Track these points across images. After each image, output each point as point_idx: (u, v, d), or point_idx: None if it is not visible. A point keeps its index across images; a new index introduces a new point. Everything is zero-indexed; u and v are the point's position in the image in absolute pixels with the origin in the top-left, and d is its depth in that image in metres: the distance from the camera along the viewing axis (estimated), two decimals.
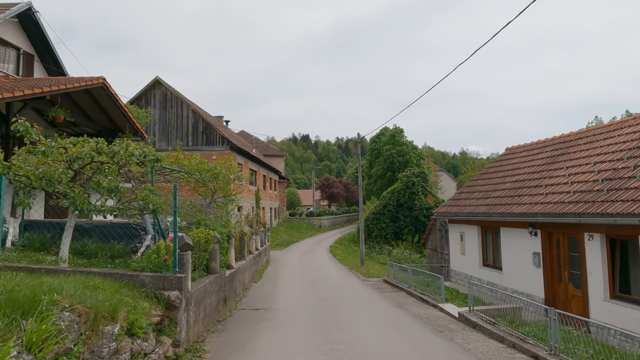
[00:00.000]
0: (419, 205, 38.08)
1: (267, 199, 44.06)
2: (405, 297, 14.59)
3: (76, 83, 14.21)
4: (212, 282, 9.33)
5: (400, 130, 55.28)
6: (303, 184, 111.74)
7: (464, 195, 18.48)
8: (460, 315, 10.91)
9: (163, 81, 32.53)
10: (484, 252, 16.25)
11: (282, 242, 36.88)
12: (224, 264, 12.01)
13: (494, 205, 14.86)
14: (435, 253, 24.74)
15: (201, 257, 9.67)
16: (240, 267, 14.06)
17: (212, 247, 9.97)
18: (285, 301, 13.23)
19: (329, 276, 19.63)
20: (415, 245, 36.85)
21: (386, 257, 34.55)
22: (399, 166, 53.35)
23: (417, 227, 37.93)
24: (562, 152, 14.92)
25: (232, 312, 11.29)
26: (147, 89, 32.67)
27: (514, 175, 16.26)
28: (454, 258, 18.47)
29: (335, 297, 14.00)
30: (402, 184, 38.70)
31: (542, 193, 12.96)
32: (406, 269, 16.53)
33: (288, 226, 47.34)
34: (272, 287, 16.17)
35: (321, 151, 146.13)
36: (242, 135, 52.49)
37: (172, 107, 32.70)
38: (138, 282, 6.77)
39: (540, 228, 12.69)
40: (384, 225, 38.56)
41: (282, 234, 40.67)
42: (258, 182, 40.24)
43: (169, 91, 32.67)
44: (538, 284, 12.72)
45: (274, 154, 54.50)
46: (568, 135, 16.02)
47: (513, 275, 14.01)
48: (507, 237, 14.43)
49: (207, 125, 32.34)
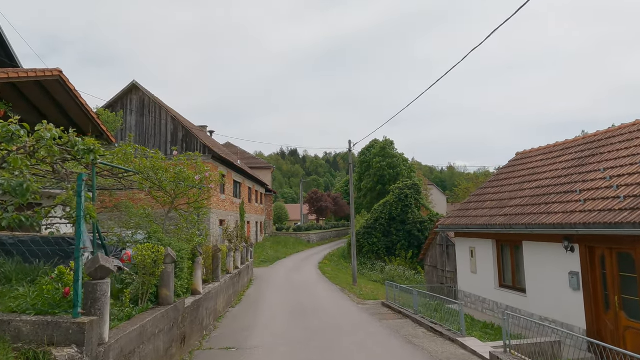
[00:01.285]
0: (412, 219, 35.57)
1: (252, 213, 41.19)
2: (412, 326, 11.90)
3: (23, 73, 11.52)
4: (158, 318, 6.58)
5: (391, 142, 53.11)
6: (291, 199, 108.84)
7: (472, 205, 16.00)
8: (493, 356, 8.24)
9: (140, 86, 29.82)
10: (500, 270, 13.70)
11: (268, 259, 33.95)
12: (186, 289, 9.24)
13: (514, 216, 12.37)
14: (435, 270, 22.16)
15: (147, 284, 6.94)
16: (210, 291, 11.27)
17: (163, 270, 7.24)
18: (266, 335, 10.45)
19: (319, 299, 16.85)
20: (409, 261, 34.22)
21: (379, 274, 31.84)
22: (389, 179, 51.02)
23: (410, 241, 35.38)
24: (592, 153, 12.56)
25: (194, 355, 8.47)
26: (123, 94, 29.91)
27: (533, 180, 13.84)
28: (462, 277, 15.87)
29: (327, 329, 11.26)
30: (395, 197, 36.21)
31: (579, 200, 10.51)
32: (411, 292, 13.87)
33: (275, 241, 44.39)
34: (251, 314, 13.36)
35: (309, 165, 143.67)
36: (227, 147, 49.71)
37: (150, 113, 29.97)
38: (10, 333, 4.04)
39: (579, 242, 10.19)
40: (375, 240, 35.91)
41: (268, 249, 37.74)
42: (243, 194, 37.44)
43: (147, 96, 29.97)
44: (577, 311, 10.17)
45: (261, 166, 51.78)
46: (594, 135, 13.71)
47: (541, 300, 11.45)
48: (532, 253, 11.91)
49: (187, 132, 29.62)
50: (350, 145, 25.02)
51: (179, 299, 8.10)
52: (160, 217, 9.90)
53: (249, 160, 50.65)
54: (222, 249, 15.05)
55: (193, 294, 9.80)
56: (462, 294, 15.72)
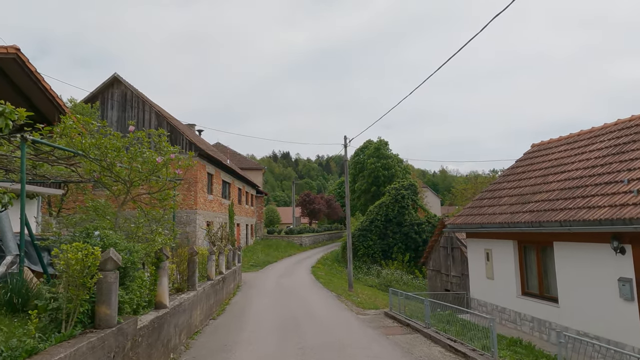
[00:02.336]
0: (409, 221, 33.65)
1: (242, 215, 38.98)
2: (426, 343, 9.87)
3: None
4: (83, 352, 4.48)
5: (385, 143, 51.24)
6: (283, 202, 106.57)
7: (486, 202, 14.06)
8: None
9: (122, 79, 27.61)
10: (523, 276, 11.75)
11: (258, 263, 31.77)
12: (147, 302, 7.14)
13: (543, 212, 10.43)
14: (438, 275, 20.20)
15: (76, 299, 4.85)
16: (182, 303, 9.17)
17: (100, 280, 5.15)
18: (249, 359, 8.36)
19: (314, 308, 14.77)
20: (406, 264, 32.25)
21: (375, 278, 29.81)
22: (384, 180, 49.13)
23: (407, 244, 33.44)
24: (631, 139, 10.68)
25: None
26: (103, 88, 27.68)
27: (560, 172, 11.94)
28: (476, 284, 13.90)
29: (325, 348, 9.20)
30: (391, 197, 34.27)
31: (629, 190, 8.59)
32: (419, 300, 11.86)
33: (266, 245, 42.17)
34: (234, 327, 11.26)
35: (302, 169, 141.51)
36: (217, 147, 47.43)
37: (133, 109, 27.74)
38: None
39: (632, 242, 8.27)
40: (371, 243, 33.91)
41: (258, 253, 35.53)
42: (232, 195, 35.24)
43: (130, 90, 27.77)
44: (631, 326, 8.23)
45: (252, 167, 49.57)
46: (629, 120, 11.86)
47: (579, 311, 9.51)
48: (566, 255, 9.97)
49: (172, 129, 27.41)
50: (345, 141, 23.04)
51: (129, 317, 6.00)
52: (130, 216, 7.80)
53: (239, 161, 48.46)
54: (201, 252, 12.95)
55: (157, 307, 7.70)
56: (476, 302, 13.75)
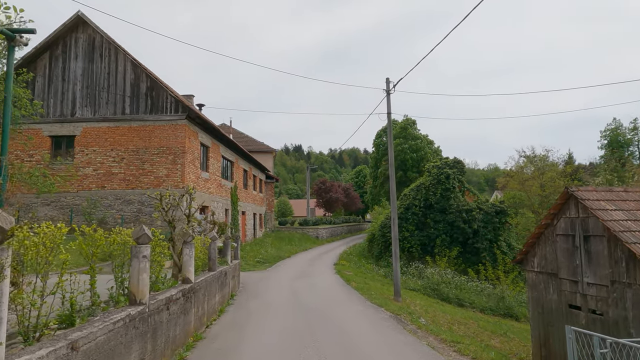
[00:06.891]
0: (455, 207, 26.08)
1: (249, 201, 31.86)
2: None
3: None
4: None
5: (413, 122, 43.56)
6: (295, 195, 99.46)
7: None
8: None
9: (89, 20, 20.56)
10: None
11: (267, 258, 24.62)
12: None
13: None
14: (552, 281, 12.49)
15: None
16: None
17: None
18: None
19: (355, 341, 7.49)
20: (453, 261, 24.74)
21: (417, 279, 22.35)
22: (412, 164, 41.59)
23: (453, 236, 25.89)
24: None
25: None
26: (66, 31, 20.70)
27: None
28: None
29: None
30: (432, 178, 26.72)
31: None
32: None
33: (277, 237, 35.03)
34: None
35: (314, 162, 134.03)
36: (222, 127, 40.35)
37: (103, 58, 20.70)
38: None
39: None
40: (407, 234, 26.42)
41: (268, 246, 28.39)
42: (236, 177, 28.12)
43: (99, 34, 20.75)
44: None
45: (261, 150, 42.38)
46: None
47: None
48: None
49: (153, 84, 20.37)
50: (387, 85, 15.64)
51: None
52: None
53: (246, 142, 41.37)
54: (128, 240, 5.66)
55: None
56: None
